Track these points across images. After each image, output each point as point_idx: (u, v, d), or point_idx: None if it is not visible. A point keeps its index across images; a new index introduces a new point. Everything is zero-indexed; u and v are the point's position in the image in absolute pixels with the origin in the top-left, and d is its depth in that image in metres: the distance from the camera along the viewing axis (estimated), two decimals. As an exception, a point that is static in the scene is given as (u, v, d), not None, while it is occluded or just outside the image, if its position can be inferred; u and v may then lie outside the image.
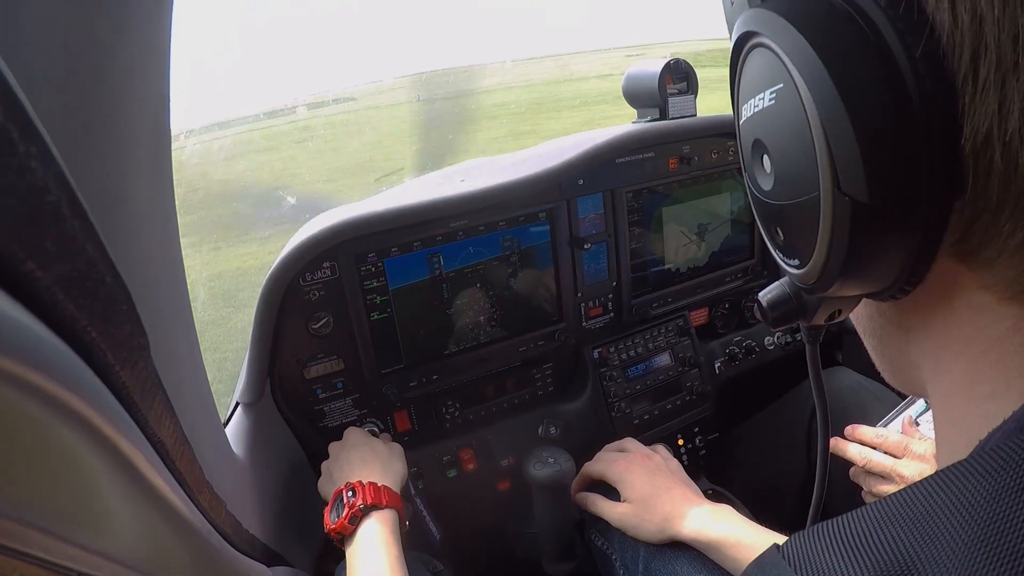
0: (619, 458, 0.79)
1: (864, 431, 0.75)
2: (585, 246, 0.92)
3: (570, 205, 0.91)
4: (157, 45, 0.37)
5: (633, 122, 1.01)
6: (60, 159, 0.21)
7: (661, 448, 0.84)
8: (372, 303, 0.81)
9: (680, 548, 0.70)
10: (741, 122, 0.30)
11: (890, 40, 0.22)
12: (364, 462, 0.74)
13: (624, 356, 1.02)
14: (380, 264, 0.80)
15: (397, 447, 0.80)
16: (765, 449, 1.11)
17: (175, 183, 0.46)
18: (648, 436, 1.01)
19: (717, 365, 1.09)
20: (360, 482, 0.68)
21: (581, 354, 1.00)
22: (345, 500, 0.67)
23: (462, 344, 0.89)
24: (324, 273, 0.78)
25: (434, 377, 0.87)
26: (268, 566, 0.63)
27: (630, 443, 0.84)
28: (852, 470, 0.75)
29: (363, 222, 0.77)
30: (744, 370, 1.11)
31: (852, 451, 0.74)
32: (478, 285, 0.88)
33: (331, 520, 0.67)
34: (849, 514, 0.24)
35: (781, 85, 0.26)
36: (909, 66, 0.22)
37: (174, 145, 0.44)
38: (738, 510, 0.80)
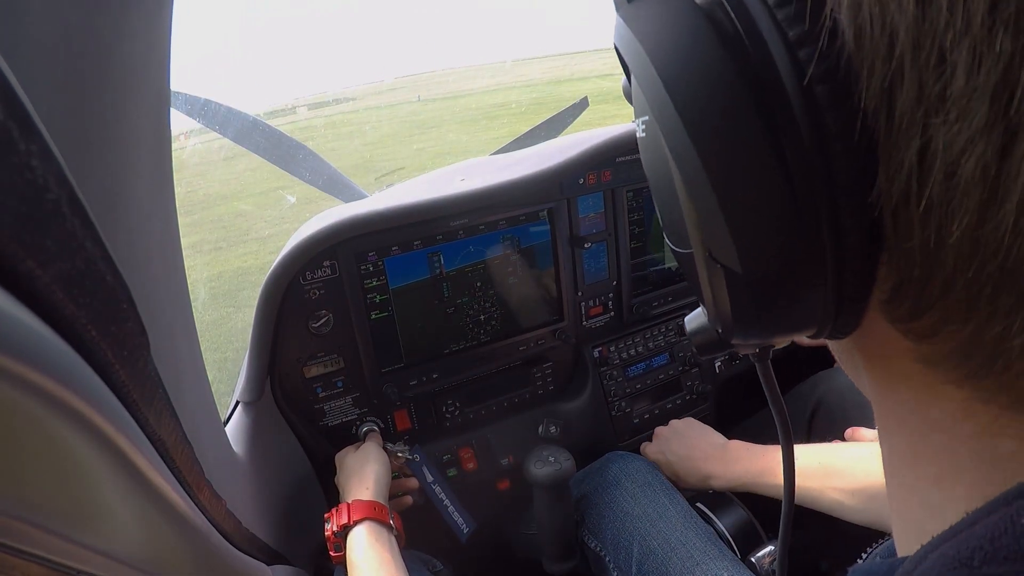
0: (652, 446, 0.91)
1: (863, 433, 0.75)
2: (585, 245, 0.92)
3: (570, 204, 0.91)
4: (157, 45, 0.37)
5: (633, 121, 1.01)
6: (60, 158, 0.21)
7: (674, 423, 0.93)
8: (372, 302, 0.81)
9: (673, 548, 0.71)
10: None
11: (776, 55, 0.16)
12: (348, 479, 0.75)
13: (624, 355, 1.02)
14: (380, 263, 0.80)
15: (368, 445, 0.80)
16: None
17: (175, 183, 0.46)
18: (648, 435, 1.01)
19: (717, 364, 1.09)
20: (335, 508, 0.69)
21: (581, 353, 1.00)
22: (326, 530, 0.68)
23: (462, 343, 0.90)
24: (324, 272, 0.78)
25: (434, 376, 0.88)
26: (268, 564, 0.63)
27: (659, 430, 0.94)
28: (852, 470, 0.75)
29: (363, 221, 0.77)
30: (744, 369, 1.11)
31: (852, 451, 0.74)
32: (478, 284, 0.88)
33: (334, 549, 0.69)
34: None
35: (647, 117, 0.20)
36: (799, 95, 0.16)
37: (174, 145, 0.44)
38: (736, 508, 0.80)
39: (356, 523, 0.66)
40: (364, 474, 0.74)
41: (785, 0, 0.16)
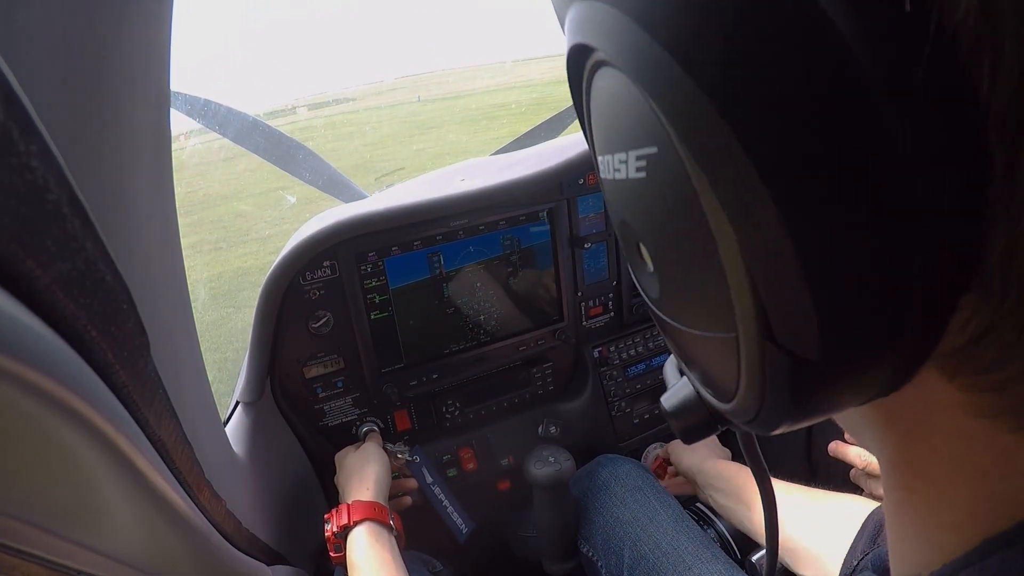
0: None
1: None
2: (585, 245, 0.92)
3: (570, 204, 0.91)
4: (157, 45, 0.37)
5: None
6: (60, 158, 0.21)
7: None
8: (372, 302, 0.81)
9: (664, 552, 0.70)
10: (600, 177, 0.20)
11: (861, 57, 0.11)
12: (348, 479, 0.74)
13: (624, 355, 1.02)
14: (380, 263, 0.80)
15: (368, 446, 0.80)
16: (764, 449, 1.10)
17: (175, 183, 0.46)
18: (648, 436, 1.02)
19: (717, 365, 1.09)
20: (336, 509, 0.69)
21: (581, 353, 1.00)
22: (326, 531, 0.68)
23: (462, 343, 0.90)
24: (324, 272, 0.78)
25: (434, 376, 0.88)
26: (268, 565, 0.63)
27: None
28: (852, 472, 0.75)
29: (363, 221, 0.77)
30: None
31: (852, 454, 0.74)
32: (478, 284, 0.88)
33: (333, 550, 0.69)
34: None
35: (654, 150, 0.15)
36: (896, 116, 0.11)
37: (174, 145, 0.44)
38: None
39: (356, 524, 0.67)
40: (364, 474, 0.74)
41: None
